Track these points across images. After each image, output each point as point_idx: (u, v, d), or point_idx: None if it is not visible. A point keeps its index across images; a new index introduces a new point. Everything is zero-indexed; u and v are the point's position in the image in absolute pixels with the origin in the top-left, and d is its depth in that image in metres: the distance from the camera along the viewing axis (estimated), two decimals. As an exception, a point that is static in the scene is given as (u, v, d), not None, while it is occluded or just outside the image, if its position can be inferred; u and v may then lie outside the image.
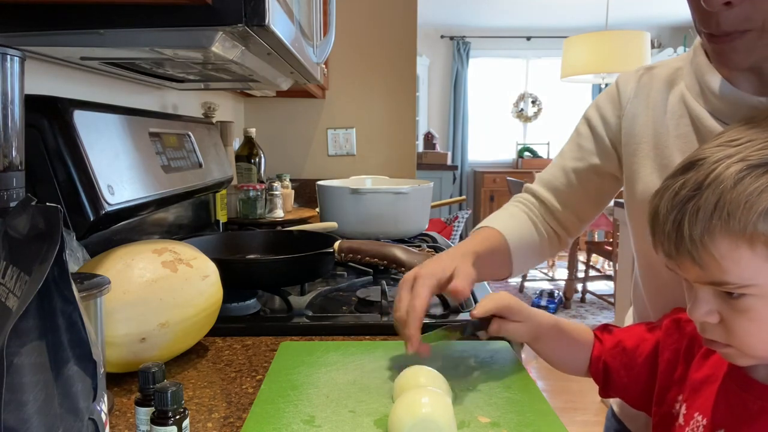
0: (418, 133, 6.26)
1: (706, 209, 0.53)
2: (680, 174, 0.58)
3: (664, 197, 0.58)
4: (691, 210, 0.55)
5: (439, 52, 6.53)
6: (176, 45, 0.77)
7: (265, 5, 0.67)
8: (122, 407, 0.65)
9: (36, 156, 0.83)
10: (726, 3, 0.62)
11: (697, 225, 0.54)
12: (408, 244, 1.50)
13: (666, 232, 0.57)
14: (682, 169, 0.58)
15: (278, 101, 2.61)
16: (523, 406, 0.64)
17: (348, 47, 2.58)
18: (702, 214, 0.54)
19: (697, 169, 0.56)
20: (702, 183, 0.54)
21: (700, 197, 0.54)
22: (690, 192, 0.55)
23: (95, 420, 0.43)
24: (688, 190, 0.56)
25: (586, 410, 2.50)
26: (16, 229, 0.45)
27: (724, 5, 0.63)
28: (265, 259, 1.13)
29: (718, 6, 0.63)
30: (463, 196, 6.17)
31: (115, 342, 0.68)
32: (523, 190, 1.00)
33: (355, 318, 0.94)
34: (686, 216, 0.55)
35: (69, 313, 0.42)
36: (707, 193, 0.54)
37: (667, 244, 0.58)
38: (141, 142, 1.07)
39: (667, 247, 0.58)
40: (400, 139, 2.72)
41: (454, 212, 5.94)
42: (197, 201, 1.53)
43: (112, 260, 0.71)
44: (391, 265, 1.15)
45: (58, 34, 0.73)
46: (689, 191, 0.55)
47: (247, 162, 1.99)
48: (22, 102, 0.58)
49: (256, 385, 0.70)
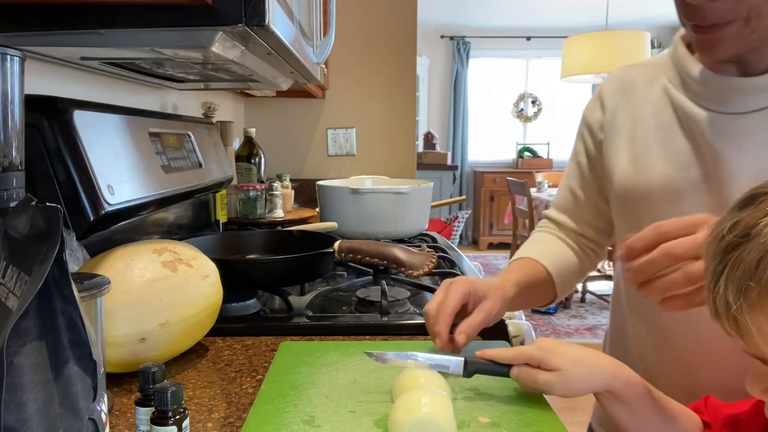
0: (418, 133, 6.26)
1: (747, 265, 0.42)
2: (737, 210, 0.46)
3: (711, 238, 0.47)
4: (732, 263, 0.43)
5: (439, 52, 6.53)
6: (176, 45, 0.77)
7: (265, 5, 0.67)
8: (122, 407, 0.65)
9: (36, 156, 0.83)
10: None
11: (734, 284, 0.43)
12: (408, 244, 1.50)
13: (707, 284, 0.46)
14: (741, 203, 0.46)
15: (278, 101, 2.61)
16: (523, 406, 0.64)
17: (348, 47, 2.58)
18: (740, 272, 0.42)
19: (756, 206, 0.44)
20: (752, 229, 0.42)
21: (745, 247, 0.42)
22: (737, 238, 0.43)
23: (95, 420, 0.43)
24: (736, 235, 0.44)
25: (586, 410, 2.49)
26: (16, 229, 0.45)
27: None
28: (265, 259, 1.13)
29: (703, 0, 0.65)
30: (463, 196, 6.17)
31: (115, 342, 0.68)
32: (541, 218, 1.04)
33: (355, 318, 0.94)
34: (726, 269, 0.43)
35: (69, 313, 0.42)
36: (752, 244, 0.42)
37: (707, 297, 0.46)
38: (141, 142, 1.07)
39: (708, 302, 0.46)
40: (400, 139, 2.72)
41: (454, 212, 5.95)
42: (197, 201, 1.53)
43: (112, 260, 0.71)
44: (391, 265, 1.15)
45: (58, 34, 0.73)
46: (736, 236, 0.43)
47: (247, 162, 1.99)
48: (22, 102, 0.58)
49: (256, 385, 0.70)
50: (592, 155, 0.92)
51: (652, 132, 0.81)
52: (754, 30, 0.66)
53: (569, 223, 0.97)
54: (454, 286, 0.74)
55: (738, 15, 0.65)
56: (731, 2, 0.65)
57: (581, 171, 0.94)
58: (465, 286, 0.74)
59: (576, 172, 0.95)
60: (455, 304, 0.72)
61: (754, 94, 0.71)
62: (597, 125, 0.90)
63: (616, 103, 0.87)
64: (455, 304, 0.72)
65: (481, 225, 6.40)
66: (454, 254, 1.41)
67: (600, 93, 0.92)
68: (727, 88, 0.73)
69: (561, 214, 0.98)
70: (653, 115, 0.82)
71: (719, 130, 0.73)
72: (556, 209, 1.00)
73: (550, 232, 0.98)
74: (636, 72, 0.88)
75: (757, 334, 0.42)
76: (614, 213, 0.89)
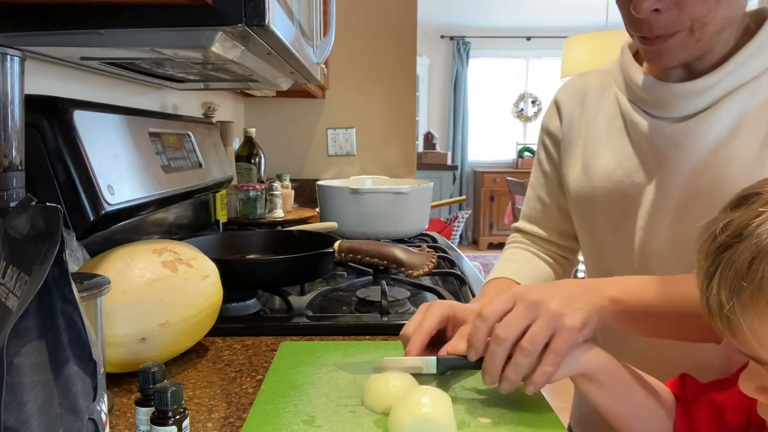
0: (418, 133, 6.26)
1: (739, 266, 0.42)
2: (729, 210, 0.46)
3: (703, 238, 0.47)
4: (725, 263, 0.43)
5: (439, 52, 6.53)
6: (176, 45, 0.77)
7: (265, 5, 0.67)
8: (122, 407, 0.65)
9: (36, 156, 0.83)
10: (654, 10, 0.66)
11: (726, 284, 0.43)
12: (408, 244, 1.50)
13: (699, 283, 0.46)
14: (733, 203, 0.46)
15: (278, 101, 2.61)
16: (524, 407, 0.64)
17: (348, 47, 2.58)
18: (733, 272, 0.42)
19: (748, 206, 0.44)
20: (744, 229, 0.43)
21: (737, 247, 0.42)
22: (729, 239, 0.43)
23: (95, 420, 0.43)
24: (728, 235, 0.44)
25: (586, 410, 2.48)
26: (16, 229, 0.45)
27: (653, 12, 0.67)
28: (265, 259, 1.13)
29: (647, 13, 0.67)
30: (463, 196, 6.17)
31: (115, 342, 0.68)
32: (511, 231, 1.04)
33: (355, 318, 0.94)
34: (719, 270, 0.44)
35: (69, 313, 0.42)
36: (745, 244, 0.42)
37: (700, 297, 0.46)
38: (141, 142, 1.07)
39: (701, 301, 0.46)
40: (400, 139, 2.72)
41: (454, 212, 5.94)
42: (197, 201, 1.53)
43: (112, 260, 0.71)
44: (391, 265, 1.15)
45: (58, 34, 0.73)
46: (728, 237, 0.44)
47: (247, 162, 1.99)
48: (22, 102, 0.58)
49: (256, 385, 0.70)
50: (555, 162, 0.93)
51: (603, 140, 0.84)
52: (699, 39, 0.69)
53: (540, 233, 0.97)
54: (432, 308, 0.72)
55: (682, 26, 0.68)
56: (675, 14, 0.67)
57: (547, 179, 0.95)
58: (443, 309, 0.72)
59: (542, 180, 0.96)
60: (431, 327, 0.70)
61: (694, 97, 0.73)
62: (556, 133, 0.92)
63: (571, 111, 0.90)
64: (431, 326, 0.70)
65: (481, 225, 6.40)
66: (454, 254, 1.41)
67: (557, 101, 0.93)
68: (668, 94, 0.75)
69: (531, 224, 0.99)
70: (605, 123, 0.85)
71: (663, 135, 0.76)
72: (526, 220, 1.00)
73: (523, 248, 0.98)
74: (591, 79, 0.90)
75: (749, 334, 0.42)
76: (573, 218, 0.91)
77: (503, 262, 0.96)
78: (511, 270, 0.91)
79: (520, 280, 0.89)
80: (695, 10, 0.66)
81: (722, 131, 0.72)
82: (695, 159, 0.73)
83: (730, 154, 0.71)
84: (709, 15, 0.66)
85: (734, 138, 0.71)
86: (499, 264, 0.95)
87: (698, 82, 0.72)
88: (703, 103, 0.73)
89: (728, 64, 0.71)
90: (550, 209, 0.96)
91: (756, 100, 0.71)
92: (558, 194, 0.94)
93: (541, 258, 0.96)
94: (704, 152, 0.73)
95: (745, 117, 0.71)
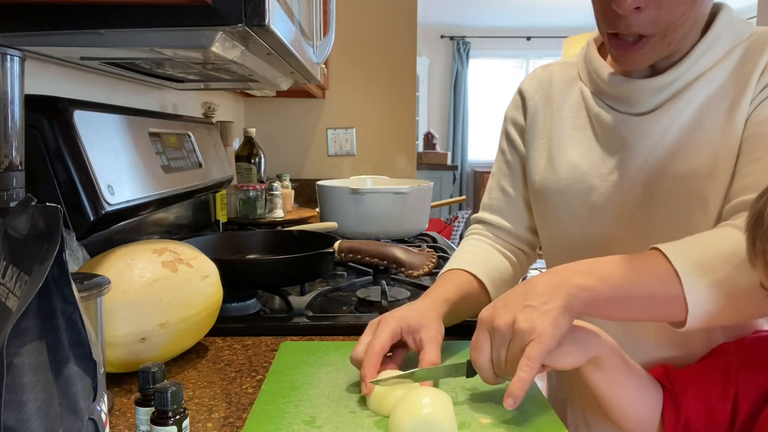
0: (418, 133, 6.26)
1: None
2: None
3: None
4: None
5: (439, 52, 6.53)
6: (176, 45, 0.77)
7: (265, 5, 0.67)
8: (122, 407, 0.65)
9: (36, 156, 0.83)
10: (636, 8, 0.67)
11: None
12: (408, 244, 1.50)
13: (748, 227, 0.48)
14: None
15: (278, 101, 2.61)
16: (524, 407, 0.64)
17: (348, 47, 2.58)
18: None
19: None
20: None
21: None
22: None
23: (95, 420, 0.43)
24: None
25: (586, 410, 2.49)
26: (16, 229, 0.45)
27: (634, 9, 0.67)
28: (265, 259, 1.13)
29: (629, 10, 0.67)
30: (463, 196, 6.16)
31: (115, 342, 0.68)
32: (471, 222, 1.01)
33: (355, 318, 0.94)
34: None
35: (69, 313, 0.42)
36: None
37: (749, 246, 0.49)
38: (141, 142, 1.07)
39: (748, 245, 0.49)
40: (400, 139, 2.72)
41: (454, 212, 5.94)
42: (197, 201, 1.53)
43: (112, 260, 0.71)
44: (391, 265, 1.15)
45: (58, 34, 0.73)
46: None
47: (247, 162, 1.99)
48: (22, 102, 0.58)
49: (256, 385, 0.70)
50: (520, 152, 0.93)
51: (568, 132, 0.85)
52: (670, 42, 0.71)
53: (502, 223, 0.95)
54: (381, 325, 0.70)
55: (658, 29, 0.69)
56: (654, 14, 0.68)
57: (511, 170, 0.94)
58: (392, 324, 0.70)
59: (506, 171, 0.95)
60: (383, 345, 0.67)
61: (658, 91, 0.75)
62: (521, 123, 0.93)
63: (536, 103, 0.90)
64: (383, 345, 0.67)
65: (481, 225, 6.40)
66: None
67: (522, 91, 0.93)
68: (633, 89, 0.77)
69: (493, 215, 0.96)
70: (570, 116, 0.85)
71: (629, 126, 0.78)
72: (488, 211, 0.97)
73: (482, 240, 0.95)
74: (555, 70, 0.90)
75: None
76: (534, 211, 0.91)
77: (460, 253, 0.92)
78: (466, 262, 0.88)
79: (476, 272, 0.86)
80: (673, 11, 0.67)
81: (686, 120, 0.74)
82: (661, 148, 0.75)
83: (696, 142, 0.73)
84: (682, 17, 0.68)
85: (699, 126, 0.73)
86: (456, 255, 0.92)
87: (663, 77, 0.74)
88: (666, 96, 0.75)
89: (689, 57, 0.74)
90: (512, 200, 0.94)
91: (714, 87, 0.74)
92: (522, 185, 0.93)
93: (499, 251, 0.93)
94: (670, 141, 0.75)
95: (707, 105, 0.73)
